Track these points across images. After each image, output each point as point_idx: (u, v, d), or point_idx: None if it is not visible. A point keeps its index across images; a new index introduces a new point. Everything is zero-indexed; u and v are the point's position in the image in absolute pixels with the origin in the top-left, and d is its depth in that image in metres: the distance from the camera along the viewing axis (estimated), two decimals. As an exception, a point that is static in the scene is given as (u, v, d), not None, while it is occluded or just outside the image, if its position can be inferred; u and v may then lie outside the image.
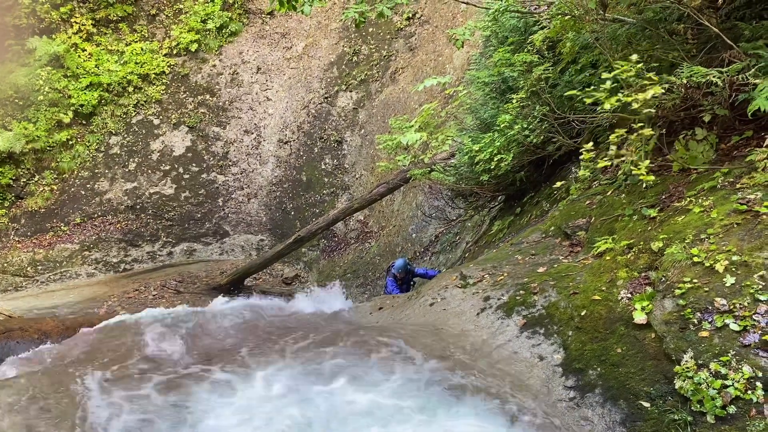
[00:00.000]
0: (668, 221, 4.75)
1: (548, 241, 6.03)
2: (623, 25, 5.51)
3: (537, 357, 4.56)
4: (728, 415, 3.52)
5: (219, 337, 5.70)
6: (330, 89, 17.85)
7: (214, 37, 18.64)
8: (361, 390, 4.37)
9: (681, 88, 4.75)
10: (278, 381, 4.57)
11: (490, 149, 7.56)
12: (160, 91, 18.11)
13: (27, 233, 16.50)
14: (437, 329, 5.25)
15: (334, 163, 17.35)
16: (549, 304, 4.88)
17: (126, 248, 16.82)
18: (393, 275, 9.63)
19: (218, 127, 18.14)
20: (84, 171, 17.32)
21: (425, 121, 8.35)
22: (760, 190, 4.39)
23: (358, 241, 16.01)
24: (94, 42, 18.05)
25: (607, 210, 5.63)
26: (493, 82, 8.03)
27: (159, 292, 14.55)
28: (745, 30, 4.86)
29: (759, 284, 3.86)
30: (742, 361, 3.62)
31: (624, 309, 4.38)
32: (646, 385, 3.90)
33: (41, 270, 16.00)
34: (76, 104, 17.10)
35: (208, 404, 4.33)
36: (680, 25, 5.19)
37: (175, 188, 17.56)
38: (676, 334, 3.94)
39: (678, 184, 5.13)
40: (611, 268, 4.79)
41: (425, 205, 13.81)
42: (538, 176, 8.21)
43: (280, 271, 16.48)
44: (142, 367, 4.94)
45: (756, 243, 4.07)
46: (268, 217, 17.58)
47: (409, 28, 17.20)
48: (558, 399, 4.18)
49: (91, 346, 5.47)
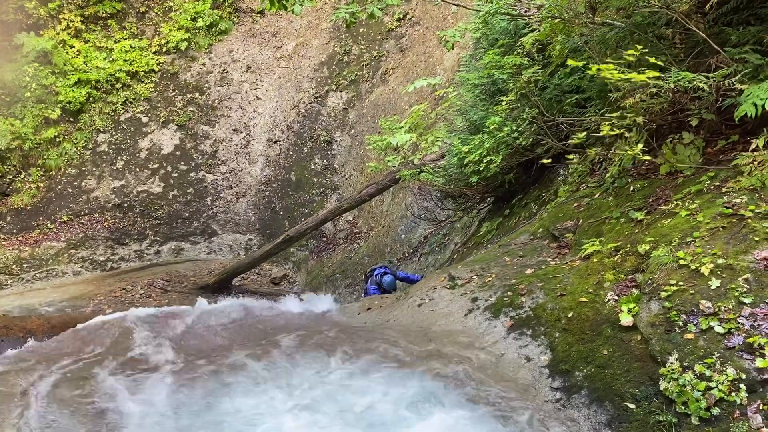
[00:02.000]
0: (655, 224, 4.78)
1: (536, 243, 6.05)
2: (612, 29, 5.55)
3: (524, 358, 4.58)
4: (712, 416, 3.55)
5: (206, 337, 5.67)
6: (320, 89, 17.83)
7: (204, 35, 18.56)
8: (350, 392, 4.37)
9: (669, 93, 4.79)
10: (264, 381, 4.56)
11: (480, 151, 7.58)
12: (149, 88, 18.00)
13: (13, 231, 16.34)
14: (425, 330, 5.26)
15: (323, 163, 17.33)
16: (536, 306, 4.90)
17: (113, 247, 16.70)
18: (375, 287, 9.46)
19: (207, 125, 18.06)
20: (71, 168, 17.18)
21: (415, 122, 8.38)
22: (746, 193, 4.43)
23: (347, 242, 15.99)
24: (83, 39, 17.91)
25: (594, 212, 5.66)
26: (482, 84, 8.05)
27: (146, 291, 14.45)
28: (731, 35, 4.91)
29: (743, 287, 3.90)
30: (727, 363, 3.65)
31: (610, 311, 4.40)
32: (632, 387, 3.93)
33: (27, 268, 15.84)
34: (64, 101, 16.96)
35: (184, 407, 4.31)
36: (668, 29, 5.23)
37: (164, 187, 17.46)
38: (661, 336, 3.97)
39: (665, 187, 5.17)
40: (598, 270, 4.82)
41: (414, 206, 13.82)
42: (526, 178, 8.25)
43: (269, 271, 16.43)
44: (119, 365, 4.91)
45: (741, 246, 4.11)
46: (256, 217, 17.53)
47: (399, 29, 17.21)
48: (545, 400, 4.19)
49: (67, 345, 5.43)
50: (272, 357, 4.93)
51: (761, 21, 4.91)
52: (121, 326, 5.74)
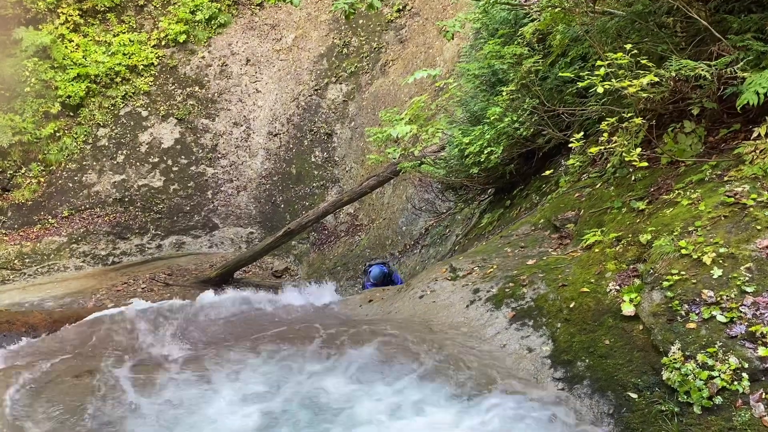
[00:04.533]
0: (656, 214, 4.77)
1: (537, 234, 6.04)
2: (613, 18, 5.52)
3: (526, 349, 4.58)
4: (714, 405, 3.55)
5: (208, 330, 5.68)
6: (320, 81, 17.78)
7: (203, 28, 18.49)
8: (354, 382, 4.37)
9: (670, 81, 4.77)
10: (269, 373, 4.56)
11: (480, 142, 7.56)
12: (149, 82, 17.95)
13: (14, 226, 16.34)
14: (427, 321, 5.26)
15: (323, 155, 17.30)
16: (538, 297, 4.89)
17: (114, 241, 16.71)
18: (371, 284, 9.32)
19: (207, 119, 18.02)
20: (72, 163, 17.16)
21: (415, 113, 8.35)
22: (748, 182, 4.41)
23: (348, 234, 15.99)
24: (82, 33, 17.84)
25: (596, 202, 5.65)
26: (483, 74, 8.02)
27: (148, 285, 14.48)
28: (733, 23, 4.88)
29: (746, 276, 3.89)
30: (729, 352, 3.65)
31: (612, 301, 4.40)
32: (634, 377, 3.93)
33: (28, 263, 15.86)
34: (64, 96, 16.92)
35: (194, 400, 4.32)
36: (669, 18, 5.20)
37: (164, 181, 17.45)
38: (663, 325, 3.97)
39: (666, 176, 5.15)
40: (600, 260, 4.81)
41: (415, 197, 13.80)
42: (527, 169, 8.23)
43: (270, 264, 16.44)
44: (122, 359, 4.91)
45: (743, 235, 4.09)
46: (257, 210, 17.52)
47: (399, 20, 17.14)
48: (547, 390, 4.19)
49: (68, 340, 5.43)
50: (271, 350, 4.93)
51: (763, 8, 4.87)
52: (122, 320, 5.74)
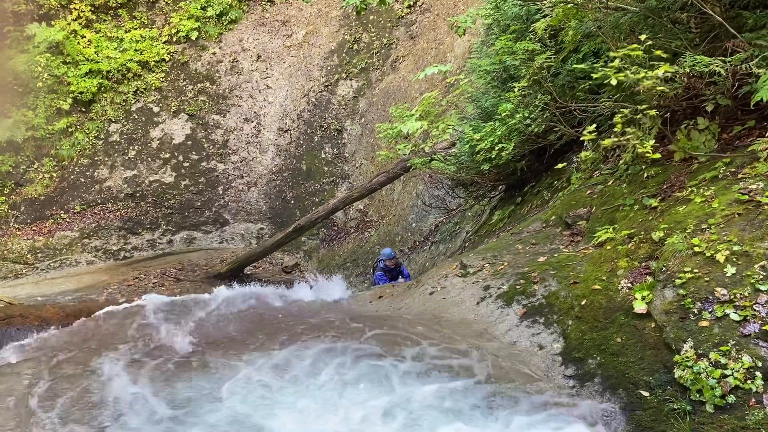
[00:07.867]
0: (669, 211, 4.74)
1: (549, 231, 6.02)
2: (626, 14, 5.47)
3: (537, 346, 4.57)
4: (727, 404, 3.53)
5: (220, 325, 5.70)
6: (330, 77, 17.78)
7: (214, 24, 18.55)
8: (368, 381, 4.38)
9: (684, 78, 4.73)
10: (284, 369, 4.58)
11: (491, 138, 7.54)
12: (160, 78, 18.03)
13: (27, 220, 16.49)
14: (437, 318, 5.26)
15: (334, 151, 17.31)
16: (549, 294, 4.88)
17: (126, 236, 16.82)
18: (384, 265, 9.51)
19: (218, 115, 18.08)
20: (83, 158, 17.28)
21: (426, 109, 8.33)
22: (762, 180, 4.38)
23: (358, 231, 16.01)
24: (94, 29, 17.95)
25: (608, 199, 5.62)
26: (494, 70, 7.99)
27: (159, 280, 14.57)
28: (749, 19, 4.83)
29: (760, 274, 3.86)
30: (742, 350, 3.63)
31: (624, 298, 4.38)
32: (646, 375, 3.91)
33: (41, 257, 16.00)
34: (76, 91, 17.03)
35: (203, 393, 4.34)
36: (683, 13, 5.16)
37: (175, 176, 17.53)
38: (676, 323, 3.95)
39: (679, 173, 5.12)
40: (612, 257, 4.79)
41: (425, 194, 13.79)
42: (539, 165, 8.20)
43: (280, 260, 16.49)
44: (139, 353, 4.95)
45: (757, 233, 4.06)
46: (267, 206, 17.57)
47: (410, 16, 17.10)
48: (558, 387, 4.18)
49: (81, 334, 5.47)
50: (284, 347, 4.94)
51: (779, 4, 4.82)
52: (135, 314, 5.77)
